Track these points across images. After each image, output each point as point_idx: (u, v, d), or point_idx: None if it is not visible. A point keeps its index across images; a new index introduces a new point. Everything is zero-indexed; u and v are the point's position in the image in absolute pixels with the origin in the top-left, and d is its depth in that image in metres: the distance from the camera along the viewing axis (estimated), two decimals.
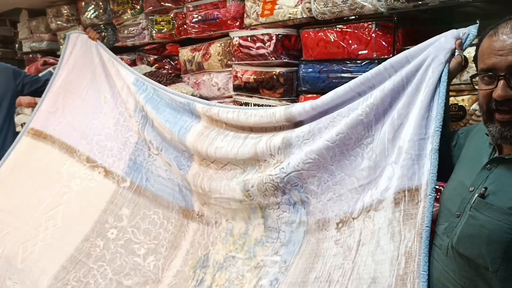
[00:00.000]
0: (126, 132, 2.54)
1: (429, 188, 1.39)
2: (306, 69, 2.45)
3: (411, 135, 1.47)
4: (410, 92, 1.54)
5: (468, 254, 1.14)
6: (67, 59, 2.74)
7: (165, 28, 3.40)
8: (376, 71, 1.67)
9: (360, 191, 1.64)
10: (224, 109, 2.15)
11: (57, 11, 4.54)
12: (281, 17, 2.50)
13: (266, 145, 1.94)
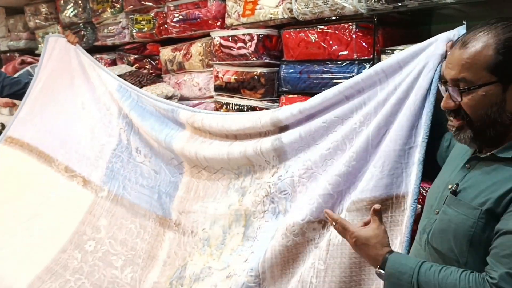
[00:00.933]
0: (102, 139, 2.48)
1: (412, 199, 1.40)
2: (287, 70, 2.45)
3: (402, 145, 1.46)
4: (400, 99, 1.52)
5: (440, 248, 1.18)
6: (45, 63, 2.68)
7: (145, 28, 3.37)
8: (366, 75, 1.63)
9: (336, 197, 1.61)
10: (208, 116, 2.11)
11: (35, 9, 4.47)
12: (262, 17, 2.49)
13: (255, 151, 1.90)
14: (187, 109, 2.24)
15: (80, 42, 3.94)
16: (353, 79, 1.66)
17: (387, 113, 1.52)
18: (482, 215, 1.08)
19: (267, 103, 2.55)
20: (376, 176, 1.48)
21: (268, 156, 1.87)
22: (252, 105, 2.58)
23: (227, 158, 1.99)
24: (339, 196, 1.59)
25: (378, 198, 1.46)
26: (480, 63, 1.07)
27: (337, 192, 1.59)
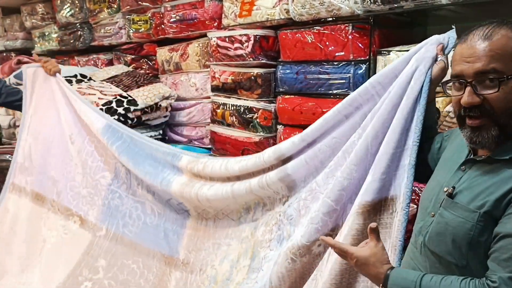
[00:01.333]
0: (95, 174, 2.32)
1: (405, 202, 1.39)
2: (284, 70, 2.46)
3: (393, 148, 1.45)
4: (394, 105, 1.50)
5: (437, 251, 1.17)
6: (29, 100, 2.50)
7: (142, 28, 3.37)
8: (363, 90, 1.59)
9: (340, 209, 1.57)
10: (209, 162, 2.00)
11: (32, 9, 4.46)
12: (259, 18, 2.50)
13: (261, 186, 1.80)
14: (190, 154, 2.12)
15: (77, 42, 3.95)
16: (350, 96, 1.63)
17: (384, 119, 1.51)
18: (480, 218, 1.07)
19: (263, 103, 2.56)
20: (367, 180, 1.48)
21: (276, 188, 1.79)
22: (249, 106, 2.59)
23: (232, 197, 1.89)
24: (342, 208, 1.57)
25: (371, 203, 1.45)
26: (510, 53, 1.06)
27: (340, 205, 1.57)
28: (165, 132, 3.23)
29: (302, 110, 2.38)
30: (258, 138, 2.59)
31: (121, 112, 2.81)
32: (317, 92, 2.32)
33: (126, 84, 3.13)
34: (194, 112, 3.04)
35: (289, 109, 2.43)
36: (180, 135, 3.17)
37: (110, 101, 2.84)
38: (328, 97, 2.28)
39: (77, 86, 3.10)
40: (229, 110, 2.69)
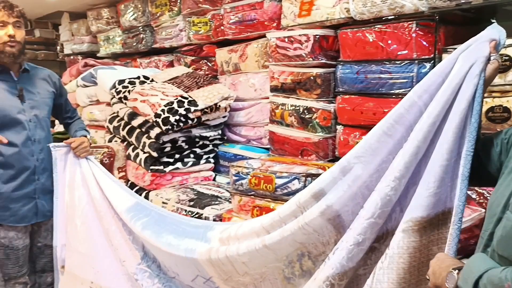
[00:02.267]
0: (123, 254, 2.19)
1: (457, 216, 1.30)
2: (344, 70, 2.44)
3: (446, 159, 1.33)
4: (442, 111, 1.36)
5: (506, 255, 1.13)
6: (62, 181, 2.34)
7: (202, 30, 3.44)
8: (408, 101, 1.43)
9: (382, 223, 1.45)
10: (247, 223, 1.83)
11: (97, 14, 4.67)
12: (319, 18, 2.49)
13: (298, 227, 1.56)
14: (224, 224, 2.03)
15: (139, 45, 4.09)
16: (394, 110, 1.47)
17: (431, 128, 1.37)
18: None
19: (323, 103, 2.54)
20: (420, 194, 1.37)
21: (318, 227, 1.54)
22: (308, 106, 2.58)
23: (267, 250, 1.64)
24: (384, 221, 1.47)
25: (426, 218, 1.36)
26: None
27: (383, 219, 1.46)
28: (224, 132, 3.29)
29: (362, 110, 2.35)
30: (317, 138, 2.58)
31: (182, 113, 2.89)
32: (378, 92, 2.28)
33: (186, 85, 3.21)
34: (252, 112, 3.07)
35: (349, 109, 2.41)
36: (238, 135, 3.22)
37: (172, 102, 2.93)
38: (389, 96, 2.24)
39: (140, 87, 3.22)
40: (288, 110, 2.69)
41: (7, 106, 2.18)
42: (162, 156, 2.98)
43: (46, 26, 6.06)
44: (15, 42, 2.15)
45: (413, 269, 1.37)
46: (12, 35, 2.14)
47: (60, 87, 2.49)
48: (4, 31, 2.13)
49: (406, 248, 1.37)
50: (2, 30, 2.13)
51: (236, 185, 2.36)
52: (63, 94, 2.51)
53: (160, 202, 2.79)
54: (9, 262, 2.23)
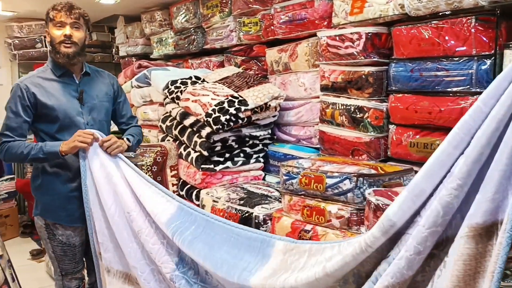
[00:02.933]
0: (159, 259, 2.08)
1: (509, 224, 1.22)
2: (397, 68, 2.37)
3: (505, 164, 1.26)
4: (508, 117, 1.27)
5: None
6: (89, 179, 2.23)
7: (252, 30, 3.46)
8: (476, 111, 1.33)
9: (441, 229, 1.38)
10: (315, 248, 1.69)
11: (151, 17, 4.80)
12: (371, 15, 2.44)
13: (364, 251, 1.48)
14: (286, 240, 1.82)
15: (191, 46, 4.16)
16: (461, 121, 1.36)
17: (496, 128, 1.29)
18: None
19: (375, 102, 2.49)
20: (478, 200, 1.30)
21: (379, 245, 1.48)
22: (360, 105, 2.54)
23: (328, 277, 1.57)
24: (444, 229, 1.40)
25: (482, 225, 1.29)
26: None
27: (444, 227, 1.39)
28: (274, 131, 3.29)
29: (416, 109, 2.28)
30: (368, 138, 2.53)
31: (233, 112, 2.91)
32: (434, 90, 2.21)
33: (237, 85, 3.24)
34: (302, 112, 3.05)
35: (403, 108, 2.34)
36: (288, 134, 3.21)
37: (222, 102, 2.97)
38: (446, 95, 2.16)
39: (192, 87, 3.28)
40: (339, 110, 2.66)
41: (67, 108, 2.24)
42: (213, 155, 3.02)
43: (103, 30, 6.31)
44: (72, 42, 2.20)
45: (468, 278, 1.30)
46: (68, 35, 2.18)
47: (118, 90, 2.52)
48: (62, 31, 2.19)
49: (461, 254, 1.31)
50: (59, 30, 2.19)
51: (286, 185, 2.35)
52: (119, 97, 2.52)
53: (211, 200, 2.82)
54: (66, 258, 2.32)
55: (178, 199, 2.17)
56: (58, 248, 2.32)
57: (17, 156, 2.20)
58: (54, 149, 2.14)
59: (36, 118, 2.24)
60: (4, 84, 6.30)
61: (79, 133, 2.15)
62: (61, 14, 2.19)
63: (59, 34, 2.19)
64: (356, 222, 2.08)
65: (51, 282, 3.75)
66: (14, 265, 2.51)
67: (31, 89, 2.20)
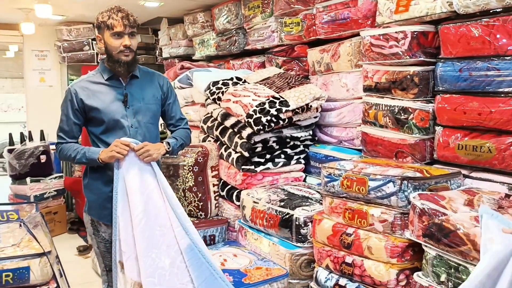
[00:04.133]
0: (183, 277, 2.13)
1: None
2: (445, 68, 2.29)
3: None
4: None
5: None
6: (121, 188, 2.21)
7: (294, 30, 3.44)
8: None
9: None
10: None
11: (193, 18, 4.87)
12: (418, 13, 2.37)
13: None
14: None
15: (232, 47, 4.18)
16: None
17: None
18: None
19: (420, 103, 2.42)
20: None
21: None
22: (404, 106, 2.47)
23: None
24: None
25: None
26: None
27: None
28: (315, 132, 3.26)
29: (465, 110, 2.19)
30: (413, 140, 2.46)
31: (274, 113, 2.90)
32: (484, 90, 2.12)
33: (278, 85, 3.23)
34: (344, 113, 3.01)
35: (450, 109, 2.26)
36: (329, 135, 3.17)
37: (264, 102, 2.96)
38: (497, 95, 2.07)
39: (233, 88, 3.30)
40: (382, 111, 2.60)
41: (112, 111, 2.27)
42: (254, 156, 3.02)
43: (147, 32, 6.45)
44: (130, 51, 2.22)
45: None
46: (127, 45, 2.20)
47: (168, 91, 2.50)
48: (120, 41, 2.19)
49: None
50: (118, 40, 2.19)
51: (328, 187, 2.32)
52: (168, 98, 2.51)
53: (251, 201, 2.83)
54: (109, 255, 2.35)
55: (191, 236, 2.18)
56: (101, 245, 2.38)
57: (67, 158, 2.31)
58: (94, 156, 2.21)
59: (86, 120, 2.31)
60: (54, 85, 6.57)
61: (116, 143, 2.18)
62: (120, 23, 2.18)
63: (118, 44, 2.20)
64: (400, 226, 2.02)
65: (97, 278, 3.86)
66: (61, 261, 2.59)
67: (79, 93, 2.26)
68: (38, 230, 2.43)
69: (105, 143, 2.27)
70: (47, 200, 5.12)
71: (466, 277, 1.67)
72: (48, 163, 5.22)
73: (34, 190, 5.00)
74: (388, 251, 2.02)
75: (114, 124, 2.27)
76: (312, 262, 2.50)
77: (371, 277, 2.08)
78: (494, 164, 2.12)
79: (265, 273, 2.48)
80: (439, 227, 1.77)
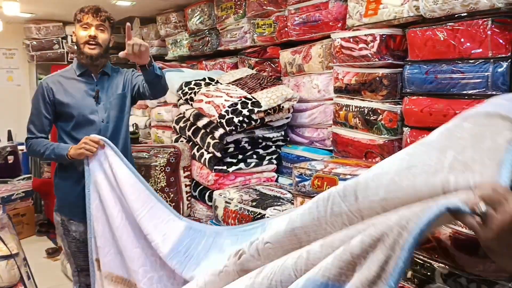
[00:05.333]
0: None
1: None
2: (412, 70, 2.35)
3: None
4: None
5: None
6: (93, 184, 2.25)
7: (266, 31, 3.47)
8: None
9: None
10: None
11: (166, 18, 4.84)
12: (386, 17, 2.42)
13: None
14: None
15: (205, 48, 4.18)
16: None
17: None
18: None
19: (389, 105, 2.47)
20: None
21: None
22: (373, 107, 2.52)
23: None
24: None
25: None
26: None
27: None
28: (287, 133, 3.29)
29: (431, 111, 2.25)
30: (382, 140, 2.51)
31: (246, 114, 2.92)
32: (449, 92, 2.18)
33: (250, 86, 3.24)
34: (316, 114, 3.05)
35: (417, 111, 2.32)
36: (301, 136, 3.20)
37: (236, 103, 2.97)
38: (461, 97, 2.13)
39: (206, 88, 3.30)
40: (352, 112, 2.65)
41: (82, 106, 2.32)
42: (226, 156, 3.03)
43: (119, 31, 6.34)
44: (96, 44, 2.29)
45: None
46: (92, 36, 2.27)
47: (130, 75, 2.52)
48: (87, 32, 2.27)
49: None
50: (85, 31, 2.28)
51: (299, 187, 2.35)
52: (133, 79, 2.51)
53: (223, 201, 2.83)
54: (81, 254, 2.36)
55: (185, 219, 2.16)
56: (72, 245, 2.38)
57: (36, 154, 2.33)
58: (62, 152, 2.23)
59: (55, 115, 2.33)
60: (22, 84, 6.42)
61: (86, 140, 2.19)
62: (88, 16, 2.28)
63: (84, 35, 2.28)
64: None
65: (66, 280, 3.80)
66: (29, 264, 2.54)
67: (51, 86, 2.31)
68: (5, 232, 2.39)
69: (74, 139, 2.29)
70: (15, 202, 4.99)
71: (431, 274, 1.72)
72: (15, 164, 5.12)
73: (1, 192, 4.88)
74: None
75: (84, 119, 2.31)
76: None
77: None
78: None
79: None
80: None
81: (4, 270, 2.13)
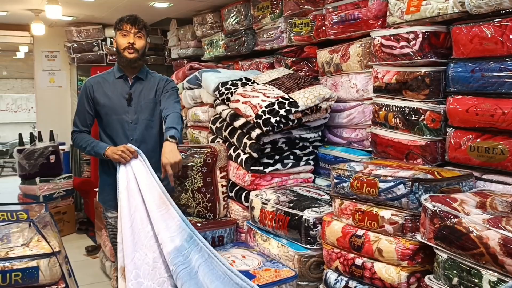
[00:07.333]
0: (166, 271, 2.23)
1: None
2: (456, 68, 2.27)
3: None
4: None
5: None
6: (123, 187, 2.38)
7: (303, 31, 3.43)
8: None
9: None
10: None
11: (202, 19, 4.86)
12: (429, 14, 2.34)
13: None
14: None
15: (241, 48, 4.18)
16: None
17: None
18: None
19: (431, 104, 2.39)
20: None
21: None
22: (415, 107, 2.44)
23: None
24: None
25: None
26: None
27: None
28: (324, 133, 3.24)
29: (477, 111, 2.16)
30: (424, 141, 2.43)
31: (283, 114, 2.89)
32: (497, 91, 2.09)
33: (287, 86, 3.21)
34: (354, 114, 2.98)
35: (462, 111, 2.23)
36: (339, 137, 3.15)
37: (273, 103, 2.95)
38: (510, 96, 2.04)
39: (242, 89, 3.29)
40: (393, 112, 2.57)
41: (115, 106, 2.54)
42: (262, 157, 3.01)
43: (156, 33, 6.45)
44: (134, 49, 2.49)
45: None
46: (131, 43, 2.48)
47: (165, 87, 2.61)
48: (126, 39, 2.50)
49: None
50: (124, 39, 2.50)
51: (337, 188, 2.30)
52: (164, 91, 2.60)
53: (260, 202, 2.81)
54: (117, 240, 2.41)
55: (191, 227, 2.28)
56: (110, 231, 2.63)
57: (79, 148, 2.64)
58: (100, 150, 2.46)
59: (95, 111, 2.58)
60: (63, 86, 6.59)
61: (124, 149, 2.38)
62: (127, 25, 2.50)
63: (124, 42, 2.50)
64: (411, 228, 2.00)
65: (105, 278, 3.88)
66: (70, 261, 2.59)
67: (92, 85, 2.57)
68: (48, 230, 2.43)
69: (107, 135, 2.55)
70: (56, 200, 5.15)
71: (478, 281, 1.65)
72: (57, 164, 5.26)
73: (43, 190, 5.04)
74: (399, 254, 2.00)
75: (115, 118, 2.54)
76: (322, 264, 2.48)
77: (381, 280, 2.06)
78: (506, 166, 2.09)
79: (274, 274, 2.47)
80: (451, 230, 1.74)
81: (47, 268, 2.17)
